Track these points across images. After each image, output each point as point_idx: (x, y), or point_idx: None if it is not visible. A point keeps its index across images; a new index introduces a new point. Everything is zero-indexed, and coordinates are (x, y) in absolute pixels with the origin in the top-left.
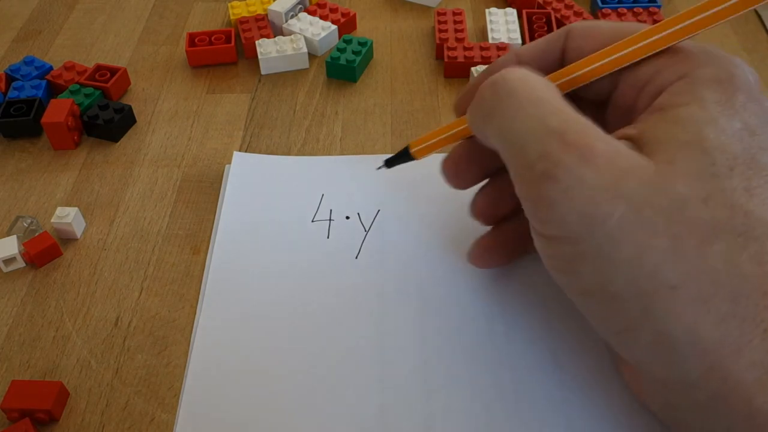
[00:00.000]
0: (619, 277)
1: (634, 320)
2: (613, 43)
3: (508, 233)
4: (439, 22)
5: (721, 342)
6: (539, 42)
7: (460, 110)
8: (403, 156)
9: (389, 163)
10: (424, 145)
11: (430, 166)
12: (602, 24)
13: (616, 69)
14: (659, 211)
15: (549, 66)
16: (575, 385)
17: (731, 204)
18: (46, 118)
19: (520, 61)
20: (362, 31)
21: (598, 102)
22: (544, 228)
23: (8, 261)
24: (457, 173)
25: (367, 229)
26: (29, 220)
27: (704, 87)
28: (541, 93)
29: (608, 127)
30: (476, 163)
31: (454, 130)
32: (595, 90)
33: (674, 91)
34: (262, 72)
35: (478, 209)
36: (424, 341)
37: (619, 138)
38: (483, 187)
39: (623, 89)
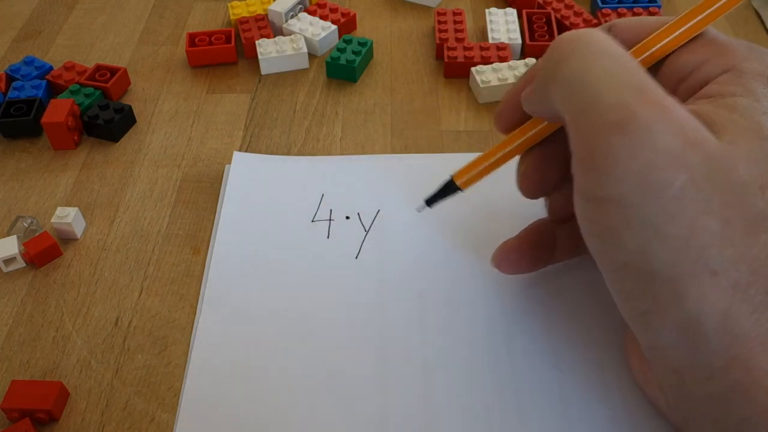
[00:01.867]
0: (662, 253)
1: (664, 301)
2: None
3: (535, 237)
4: (439, 22)
5: (752, 332)
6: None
7: (504, 119)
8: (447, 190)
9: (431, 202)
10: (469, 175)
11: (430, 167)
12: (646, 19)
13: (678, 45)
14: (718, 191)
15: None
16: (576, 386)
17: None
18: (46, 118)
19: None
20: (362, 31)
21: None
22: (596, 186)
23: (8, 261)
24: (531, 187)
25: (367, 229)
26: (29, 220)
27: (753, 80)
28: (621, 51)
29: None
30: (549, 172)
31: (499, 154)
32: None
33: (723, 81)
34: (262, 72)
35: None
36: (424, 341)
37: None
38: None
39: (663, 79)
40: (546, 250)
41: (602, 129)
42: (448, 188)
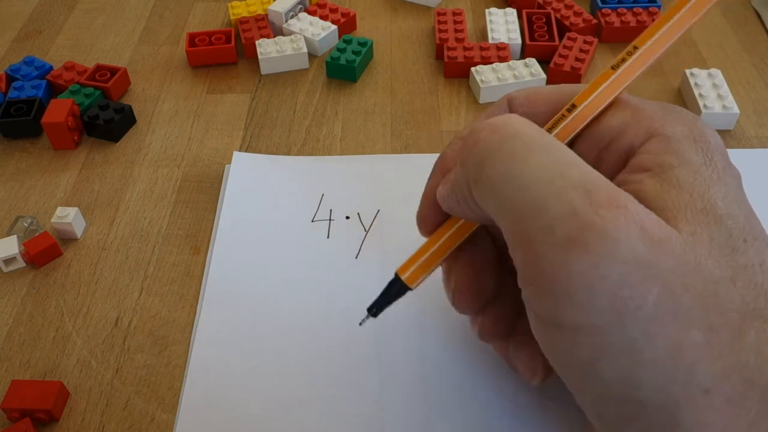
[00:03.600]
0: (648, 380)
1: (656, 429)
2: (558, 104)
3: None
4: (439, 22)
5: None
6: (481, 119)
7: (427, 224)
8: (393, 290)
9: (375, 310)
10: (413, 268)
11: (430, 167)
12: (542, 89)
13: (585, 123)
14: (695, 297)
15: None
16: None
17: (755, 283)
18: (46, 118)
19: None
20: (362, 31)
21: None
22: (558, 314)
23: (8, 261)
24: (467, 301)
25: (367, 229)
26: (29, 220)
27: (683, 147)
28: (549, 138)
29: None
30: (485, 282)
31: (440, 242)
32: None
33: (652, 150)
34: (262, 72)
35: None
36: (424, 341)
37: None
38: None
39: (582, 149)
40: (512, 324)
41: (553, 247)
42: (393, 288)
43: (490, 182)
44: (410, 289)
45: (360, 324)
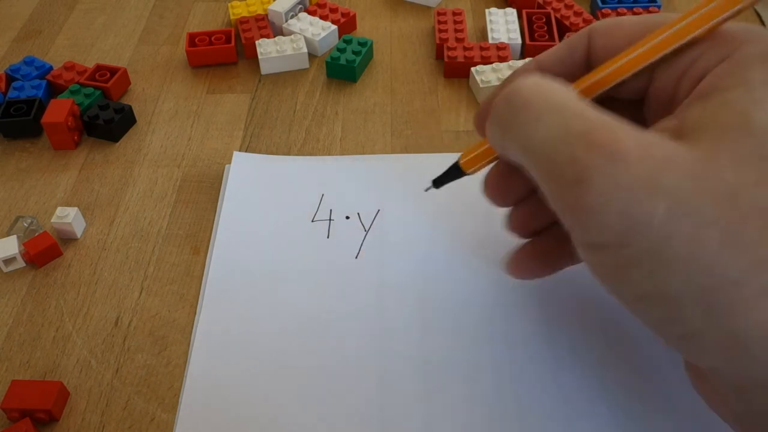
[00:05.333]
0: (675, 277)
1: (697, 322)
2: (639, 37)
3: (547, 243)
4: (439, 22)
5: None
6: (560, 46)
7: (480, 128)
8: (453, 172)
9: (438, 183)
10: (472, 155)
11: (430, 167)
12: (625, 20)
13: (642, 66)
14: (707, 202)
15: (573, 70)
16: (576, 387)
17: None
18: (46, 118)
19: (541, 69)
20: (362, 31)
21: (636, 100)
22: (585, 236)
23: (8, 261)
24: (498, 193)
25: (367, 229)
26: (29, 220)
27: (750, 67)
28: (558, 98)
29: (648, 123)
30: (517, 180)
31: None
32: (629, 88)
33: (718, 74)
34: (262, 72)
35: (513, 223)
36: (424, 341)
37: (658, 131)
38: (519, 201)
39: (660, 81)
40: (558, 256)
41: (565, 187)
42: (454, 171)
43: (513, 148)
44: (466, 174)
45: (425, 190)
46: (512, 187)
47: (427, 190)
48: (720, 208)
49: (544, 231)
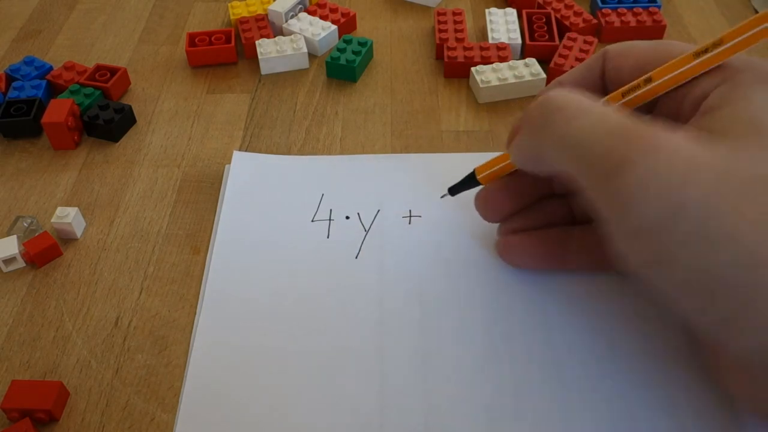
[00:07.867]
0: (720, 254)
1: (742, 302)
2: (650, 60)
3: (545, 235)
4: (439, 22)
5: None
6: (579, 68)
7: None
8: (469, 182)
9: (453, 191)
10: (489, 171)
11: (430, 167)
12: (637, 44)
13: (666, 90)
14: (739, 191)
15: (591, 88)
16: (576, 386)
17: None
18: (46, 118)
19: (563, 87)
20: (362, 31)
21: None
22: (626, 222)
23: (8, 261)
24: (488, 206)
25: (367, 229)
26: (29, 220)
27: (750, 87)
28: (588, 103)
29: None
30: (509, 196)
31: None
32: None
33: (719, 94)
34: (262, 72)
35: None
36: (424, 341)
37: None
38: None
39: (664, 103)
40: (554, 251)
41: (605, 176)
42: (469, 181)
43: (548, 145)
44: (481, 185)
45: (441, 197)
46: (503, 202)
47: (442, 197)
48: (753, 196)
49: (547, 225)
